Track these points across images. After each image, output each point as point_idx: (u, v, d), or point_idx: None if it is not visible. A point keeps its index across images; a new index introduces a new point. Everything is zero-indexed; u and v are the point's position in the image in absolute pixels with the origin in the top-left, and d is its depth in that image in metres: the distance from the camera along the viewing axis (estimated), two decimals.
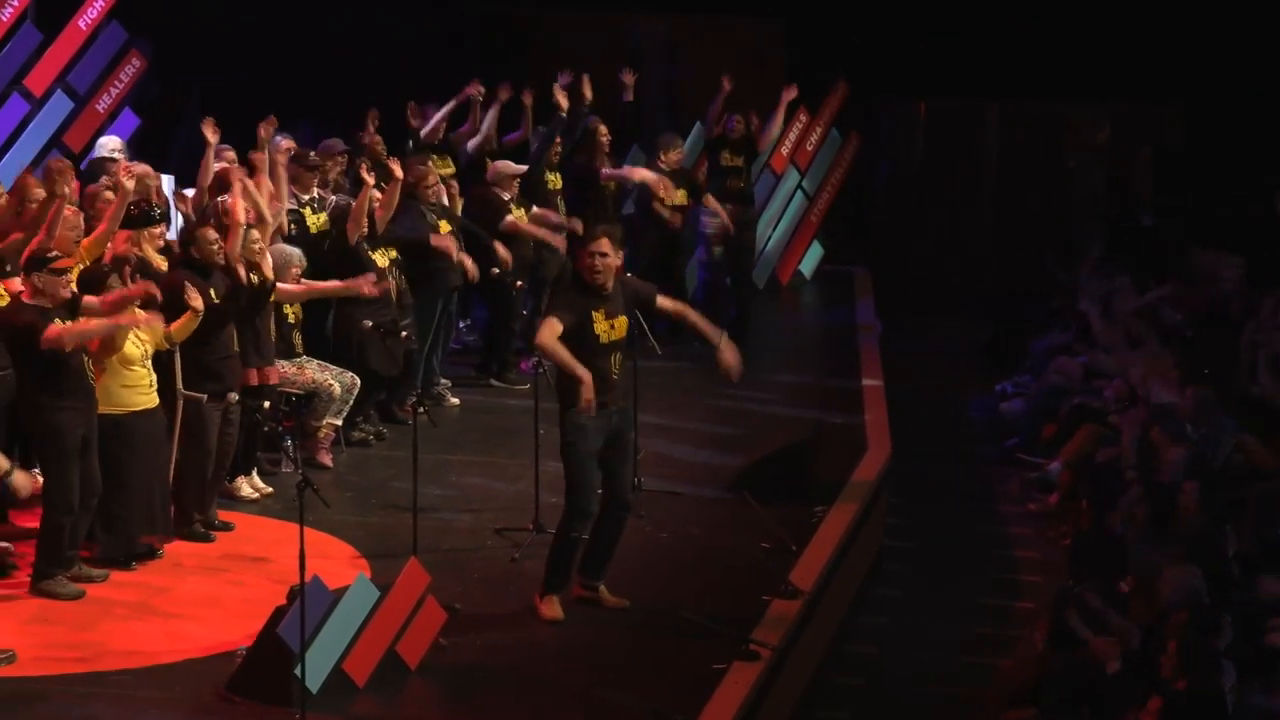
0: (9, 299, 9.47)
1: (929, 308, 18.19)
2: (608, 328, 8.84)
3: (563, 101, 14.05)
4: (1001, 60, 18.16)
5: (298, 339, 11.15)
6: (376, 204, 11.67)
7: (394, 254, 11.90)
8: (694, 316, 9.30)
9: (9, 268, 9.88)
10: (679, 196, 14.71)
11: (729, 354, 9.17)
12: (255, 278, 10.39)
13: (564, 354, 8.69)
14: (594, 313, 8.81)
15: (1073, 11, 18.14)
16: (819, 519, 10.51)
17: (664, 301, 9.26)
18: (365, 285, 11.02)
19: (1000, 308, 17.51)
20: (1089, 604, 9.49)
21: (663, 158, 14.75)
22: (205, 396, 9.83)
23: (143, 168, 11.46)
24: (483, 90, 14.08)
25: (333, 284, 11.11)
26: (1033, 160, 19.03)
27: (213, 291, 9.98)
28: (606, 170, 14.16)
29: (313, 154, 12.07)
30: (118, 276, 9.49)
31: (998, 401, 15.04)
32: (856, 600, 11.00)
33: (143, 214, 10.38)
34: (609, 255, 8.85)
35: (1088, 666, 9.16)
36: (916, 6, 18.42)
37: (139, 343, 9.48)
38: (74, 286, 9.38)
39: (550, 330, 8.67)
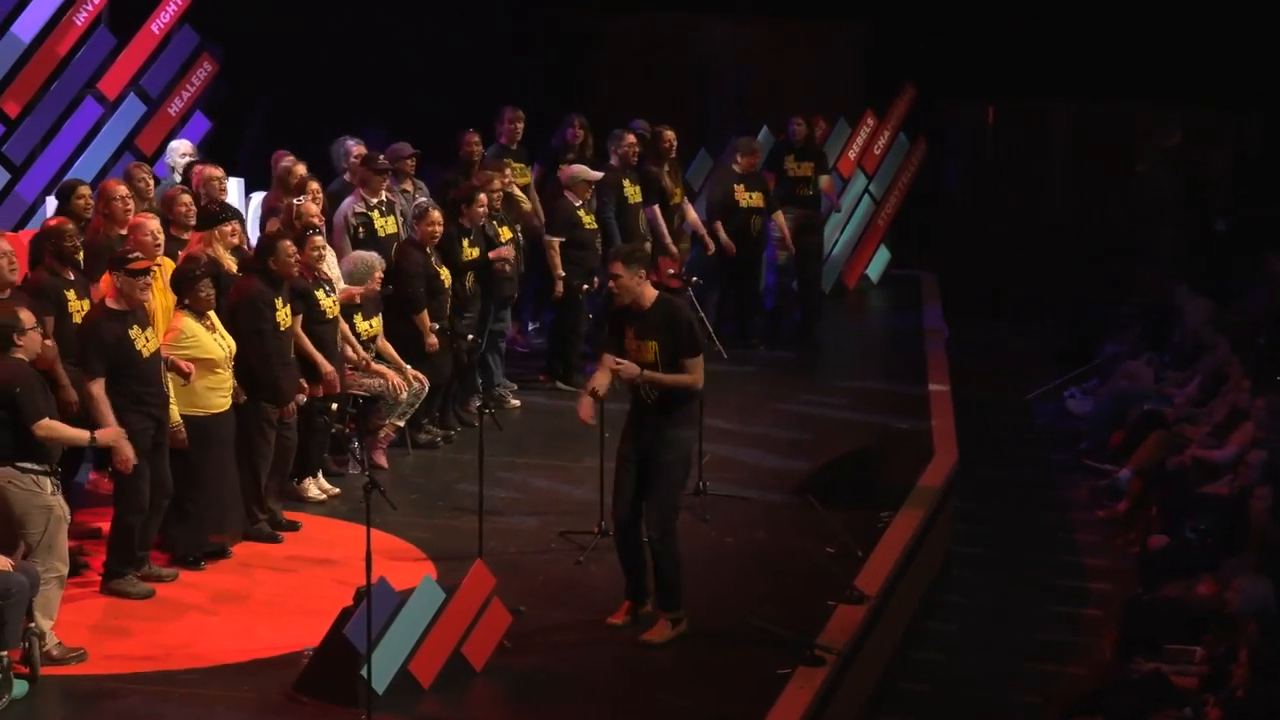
0: (93, 309, 9.54)
1: (996, 312, 18.11)
2: (635, 346, 8.83)
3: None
4: (1072, 63, 18.06)
5: (372, 349, 11.20)
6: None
7: (478, 251, 12.01)
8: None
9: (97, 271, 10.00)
10: (755, 199, 14.71)
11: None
12: (322, 292, 10.47)
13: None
14: (627, 329, 8.86)
15: (1144, 14, 18.01)
16: (885, 524, 10.47)
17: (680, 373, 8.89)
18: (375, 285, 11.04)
19: (1069, 312, 17.40)
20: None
21: (739, 160, 14.76)
22: (243, 396, 9.88)
23: (213, 169, 11.59)
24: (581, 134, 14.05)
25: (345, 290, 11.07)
26: (1103, 164, 18.90)
27: (279, 301, 10.05)
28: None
29: (381, 157, 12.13)
30: (209, 280, 9.56)
31: (1065, 407, 14.94)
32: (923, 606, 10.95)
33: (213, 214, 10.46)
34: (620, 277, 8.84)
35: (1156, 675, 9.09)
36: (986, 10, 18.33)
37: (223, 345, 9.56)
38: (157, 288, 9.48)
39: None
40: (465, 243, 11.99)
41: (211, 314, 9.62)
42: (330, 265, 10.99)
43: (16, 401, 8.33)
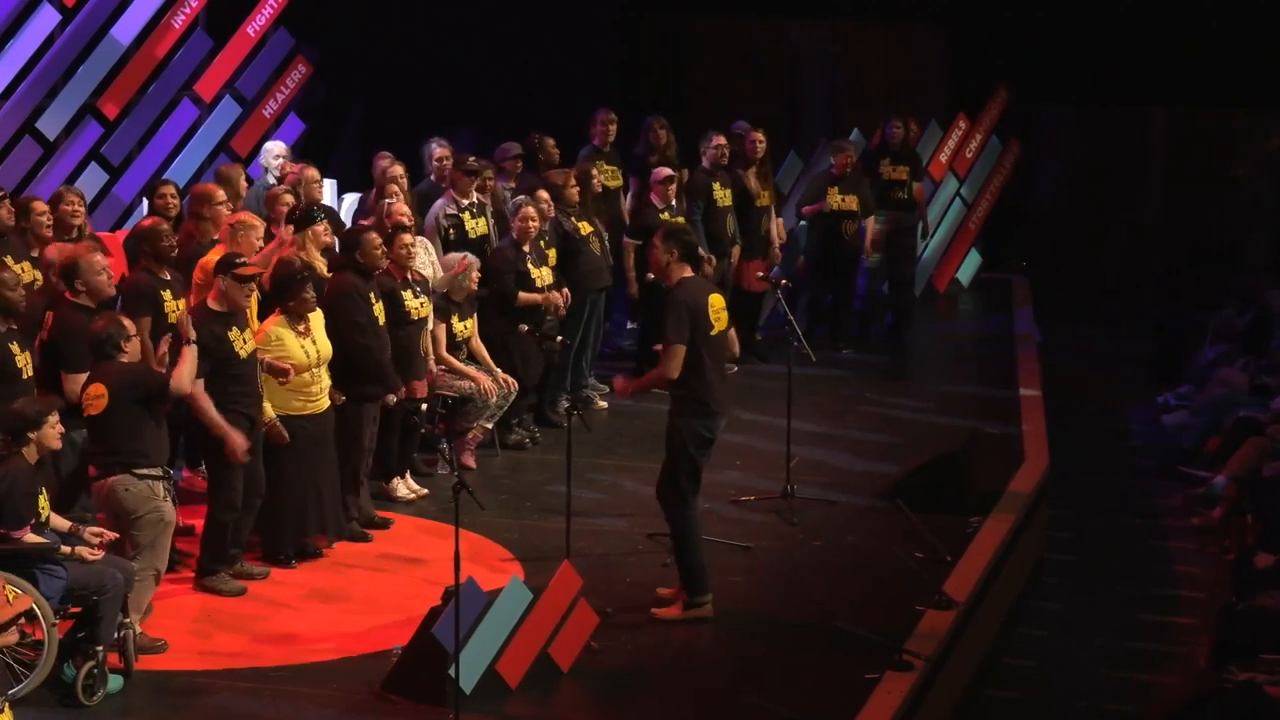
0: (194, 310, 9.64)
1: (1089, 317, 17.94)
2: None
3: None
4: (1168, 67, 17.86)
5: (464, 351, 11.25)
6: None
7: (552, 256, 12.03)
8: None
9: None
10: (849, 202, 14.65)
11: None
12: (410, 293, 10.52)
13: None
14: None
15: (1242, 18, 17.79)
16: (974, 529, 10.40)
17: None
18: None
19: (1164, 318, 17.21)
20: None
21: (833, 162, 14.70)
22: (341, 397, 9.94)
23: (308, 170, 11.70)
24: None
25: None
26: (1199, 168, 18.68)
27: (372, 295, 10.11)
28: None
29: (471, 159, 12.19)
30: (311, 284, 9.60)
31: (1159, 413, 14.79)
32: (1013, 612, 10.86)
33: (307, 214, 10.55)
34: (656, 247, 8.95)
35: (1250, 685, 8.97)
36: (1081, 13, 18.18)
37: (311, 351, 9.62)
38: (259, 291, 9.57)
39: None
40: (541, 243, 12.00)
41: (311, 316, 9.66)
42: (423, 265, 11.05)
43: (128, 405, 8.43)
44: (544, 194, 12.13)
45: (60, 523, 8.30)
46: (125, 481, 8.49)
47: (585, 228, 12.53)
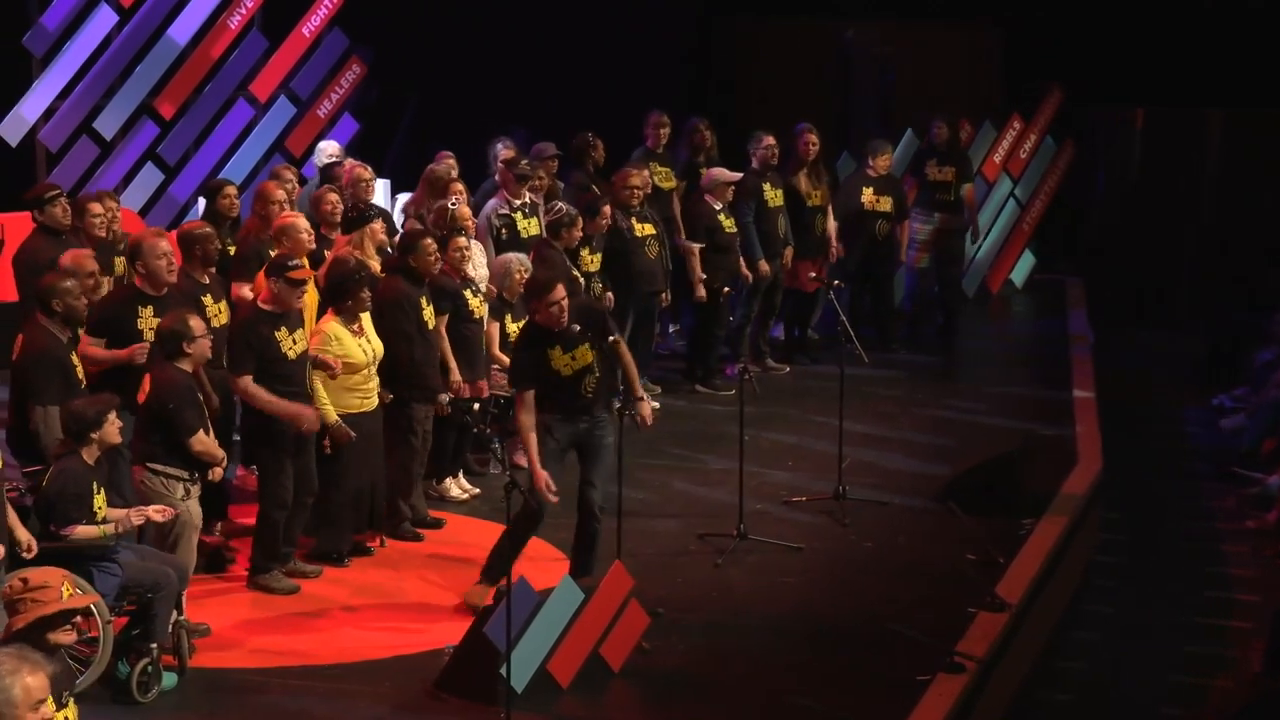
0: (243, 305, 9.70)
1: (1144, 319, 17.83)
2: (569, 360, 9.05)
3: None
4: (1224, 67, 17.72)
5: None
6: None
7: (599, 259, 12.03)
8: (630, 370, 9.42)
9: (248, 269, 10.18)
10: (885, 204, 14.60)
11: (644, 409, 9.36)
12: (470, 292, 10.57)
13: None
14: (550, 351, 9.07)
15: None
16: (1027, 531, 10.36)
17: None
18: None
19: (1219, 320, 17.08)
20: None
21: (871, 163, 14.65)
22: (389, 395, 9.96)
23: (363, 169, 11.75)
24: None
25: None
26: (1256, 169, 18.51)
27: (423, 300, 10.15)
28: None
29: (524, 161, 12.22)
30: (365, 285, 9.62)
31: (1215, 415, 14.68)
32: (1066, 615, 10.81)
33: (361, 214, 10.59)
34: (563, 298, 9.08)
35: None
36: (1136, 13, 18.06)
37: (367, 350, 9.66)
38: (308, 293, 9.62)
39: None
40: (585, 252, 12.02)
41: (363, 316, 9.72)
42: (476, 266, 11.09)
43: (171, 417, 8.51)
44: (606, 210, 12.14)
45: (116, 513, 8.35)
46: (141, 475, 8.56)
47: (645, 229, 12.54)
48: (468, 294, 10.64)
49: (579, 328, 8.73)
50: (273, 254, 9.67)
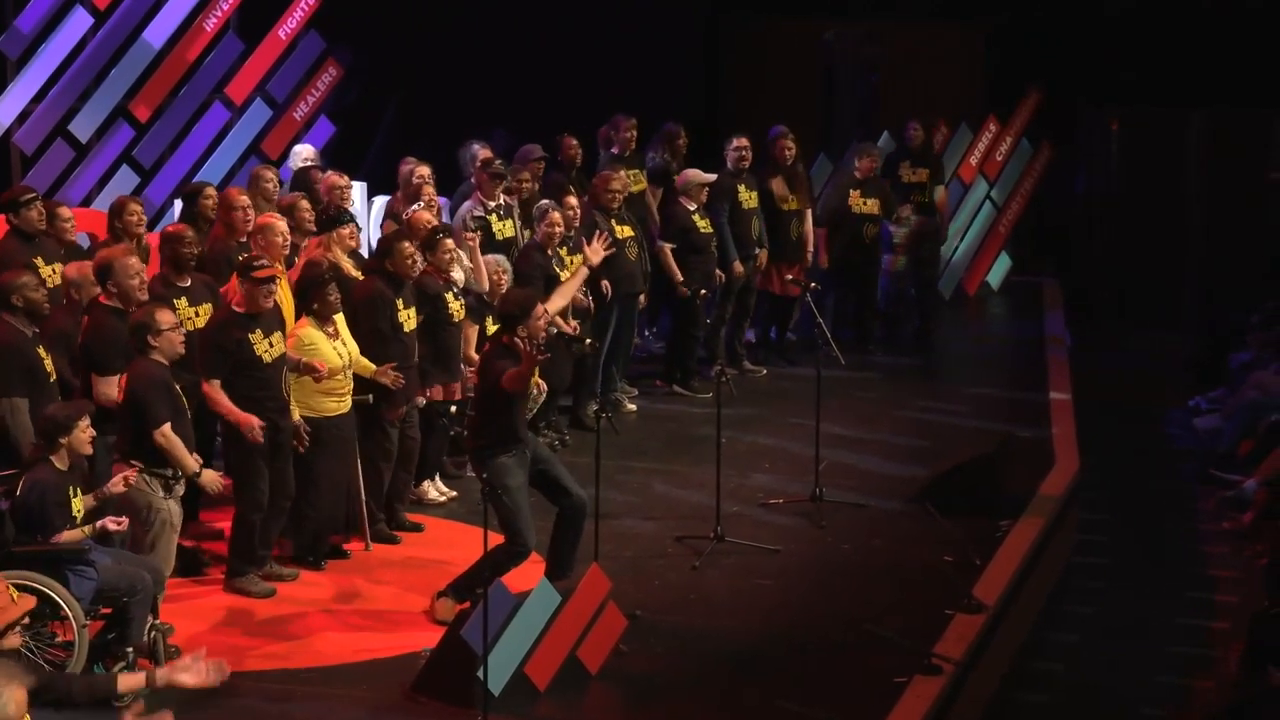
0: (219, 312, 9.65)
1: (1120, 321, 17.86)
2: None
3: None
4: (1203, 69, 17.77)
5: None
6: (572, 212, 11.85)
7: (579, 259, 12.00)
8: None
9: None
10: (871, 206, 14.61)
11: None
12: (450, 294, 10.53)
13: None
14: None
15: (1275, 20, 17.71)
16: (1004, 533, 10.37)
17: None
18: None
19: (1198, 322, 17.13)
20: None
21: (857, 166, 14.67)
22: (370, 397, 9.93)
23: (336, 176, 11.73)
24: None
25: None
26: (1234, 171, 18.57)
27: (400, 302, 10.12)
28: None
29: (498, 162, 12.20)
30: (335, 285, 9.62)
31: (1191, 417, 14.72)
32: (1044, 616, 10.83)
33: (331, 217, 10.57)
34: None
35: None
36: (1115, 15, 18.10)
37: (343, 353, 9.64)
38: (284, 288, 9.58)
39: None
40: (564, 252, 11.99)
41: (337, 318, 9.70)
42: (455, 269, 11.05)
43: (140, 405, 8.48)
44: (571, 200, 12.13)
45: (87, 501, 8.32)
46: (121, 472, 8.52)
47: (624, 231, 12.53)
48: (449, 296, 10.60)
49: (556, 332, 8.76)
50: (240, 259, 9.63)
